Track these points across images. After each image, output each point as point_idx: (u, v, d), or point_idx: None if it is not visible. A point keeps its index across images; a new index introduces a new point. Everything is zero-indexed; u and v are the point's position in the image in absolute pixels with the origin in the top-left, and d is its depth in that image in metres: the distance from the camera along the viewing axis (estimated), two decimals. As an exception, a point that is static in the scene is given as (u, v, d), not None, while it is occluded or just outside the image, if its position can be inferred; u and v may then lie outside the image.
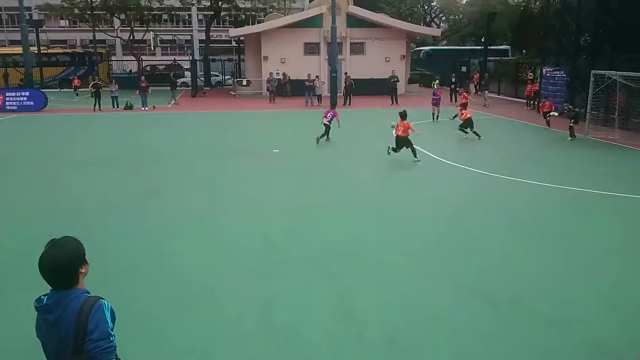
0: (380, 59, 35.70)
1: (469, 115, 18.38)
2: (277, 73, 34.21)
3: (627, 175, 13.67)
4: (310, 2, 49.05)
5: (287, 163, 14.75)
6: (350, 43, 35.98)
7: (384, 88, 31.93)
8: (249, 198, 11.16)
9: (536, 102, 28.06)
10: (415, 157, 14.72)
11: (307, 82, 30.54)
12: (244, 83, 37.31)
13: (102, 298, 2.89)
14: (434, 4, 60.21)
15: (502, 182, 12.67)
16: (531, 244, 8.54)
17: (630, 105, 19.26)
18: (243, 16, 49.41)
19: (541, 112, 20.30)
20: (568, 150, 17.00)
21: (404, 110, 15.23)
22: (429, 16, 60.28)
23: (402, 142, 14.69)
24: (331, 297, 6.58)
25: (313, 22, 35.20)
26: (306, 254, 8.00)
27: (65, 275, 2.85)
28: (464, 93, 22.88)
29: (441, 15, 60.71)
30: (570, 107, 19.31)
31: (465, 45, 52.52)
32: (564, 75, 24.91)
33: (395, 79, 31.26)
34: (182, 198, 11.17)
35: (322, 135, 17.55)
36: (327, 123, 17.56)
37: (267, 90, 32.95)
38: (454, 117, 20.32)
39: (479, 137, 18.11)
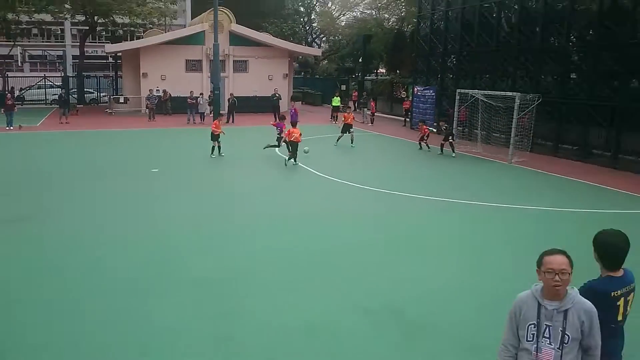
0: (263, 77, 36.03)
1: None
2: (157, 90, 33.31)
3: (489, 186, 14.91)
4: (192, 19, 48.44)
5: (166, 183, 14.37)
6: (234, 61, 35.97)
7: (267, 106, 32.40)
8: (124, 220, 10.71)
9: (407, 119, 29.90)
10: (294, 161, 16.93)
11: (189, 100, 30.03)
12: (122, 100, 35.84)
13: None
14: (315, 25, 61.89)
15: (379, 195, 13.28)
16: (406, 253, 9.02)
17: (491, 121, 21.06)
18: (121, 31, 47.58)
19: (421, 134, 20.87)
20: (435, 163, 18.21)
21: (295, 121, 18.74)
22: (310, 36, 61.82)
23: (293, 146, 16.92)
24: (212, 319, 6.49)
25: (195, 39, 34.76)
26: (190, 276, 7.82)
27: None
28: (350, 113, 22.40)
29: (322, 35, 62.52)
30: (447, 125, 20.69)
31: (344, 65, 54.53)
32: (433, 93, 26.71)
33: (278, 97, 31.71)
34: (53, 222, 10.46)
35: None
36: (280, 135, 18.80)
37: (147, 107, 31.96)
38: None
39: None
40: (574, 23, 20.01)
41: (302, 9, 60.82)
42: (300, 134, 17.19)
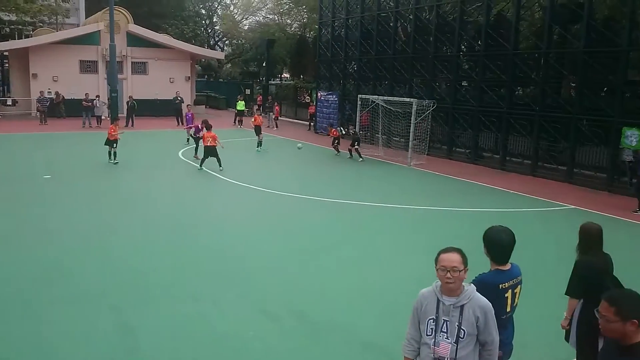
0: (164, 79, 35.05)
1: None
2: (48, 92, 31.42)
3: (390, 188, 15.50)
4: (86, 18, 46.08)
5: (59, 190, 13.61)
6: (132, 62, 34.68)
7: (168, 109, 31.60)
8: (12, 231, 10.03)
9: (311, 124, 30.31)
10: (220, 166, 16.50)
11: (84, 102, 28.58)
12: (9, 103, 33.47)
13: None
14: (217, 28, 61.00)
15: (283, 198, 13.40)
16: (308, 256, 9.18)
17: (391, 126, 21.91)
18: (8, 29, 44.31)
19: (331, 137, 21.53)
20: (341, 167, 18.67)
21: (210, 124, 17.18)
22: (212, 39, 60.87)
23: (211, 151, 16.45)
24: (114, 332, 6.26)
25: (90, 39, 33.14)
26: (85, 286, 7.48)
27: None
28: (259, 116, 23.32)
29: (225, 39, 61.80)
30: (355, 130, 21.27)
31: (248, 69, 54.16)
32: (336, 98, 27.31)
33: (180, 100, 31.01)
34: None
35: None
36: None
37: (38, 110, 30.02)
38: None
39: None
40: (464, 34, 21.29)
41: (203, 11, 59.74)
42: (215, 138, 16.63)
